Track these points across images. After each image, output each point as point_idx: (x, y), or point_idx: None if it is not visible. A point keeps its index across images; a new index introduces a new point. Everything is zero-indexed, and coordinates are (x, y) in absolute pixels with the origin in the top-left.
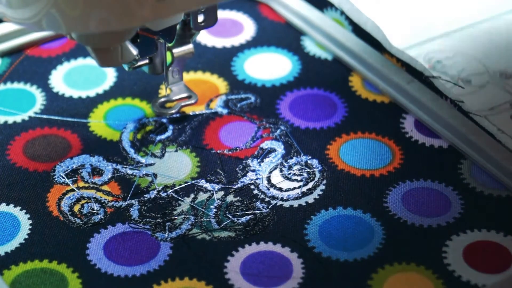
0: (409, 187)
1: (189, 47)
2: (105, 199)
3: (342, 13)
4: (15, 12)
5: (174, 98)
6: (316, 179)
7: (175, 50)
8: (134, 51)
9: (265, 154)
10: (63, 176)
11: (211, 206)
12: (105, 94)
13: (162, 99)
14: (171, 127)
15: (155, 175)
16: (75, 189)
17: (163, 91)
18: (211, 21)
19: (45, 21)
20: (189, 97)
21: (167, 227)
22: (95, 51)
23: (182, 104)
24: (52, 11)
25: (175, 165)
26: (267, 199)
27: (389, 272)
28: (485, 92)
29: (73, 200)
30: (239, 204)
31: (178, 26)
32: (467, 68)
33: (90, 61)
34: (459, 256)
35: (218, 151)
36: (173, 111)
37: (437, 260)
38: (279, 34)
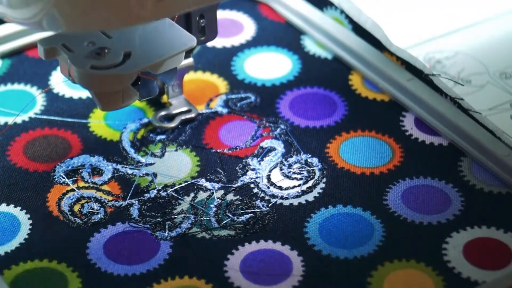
0: (409, 184)
1: (189, 61)
2: (105, 198)
3: (342, 12)
4: (15, 12)
5: (174, 112)
6: (316, 177)
7: None
8: (135, 94)
9: (265, 153)
10: (63, 176)
11: (211, 205)
12: None
13: (162, 113)
14: None
15: (155, 175)
16: (75, 189)
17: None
18: (211, 36)
19: (46, 21)
20: (189, 111)
21: (167, 226)
22: (97, 95)
23: (182, 118)
24: (53, 11)
25: (175, 165)
26: (267, 197)
27: (389, 269)
28: (485, 92)
29: (73, 200)
30: (239, 202)
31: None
32: (467, 68)
33: None
34: (459, 253)
35: (218, 150)
36: (173, 125)
37: (437, 257)
38: (279, 33)
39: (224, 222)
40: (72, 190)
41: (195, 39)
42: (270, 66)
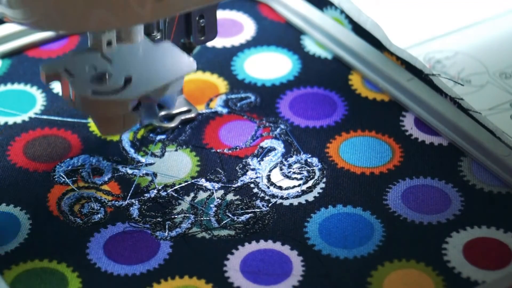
0: (409, 184)
1: None
2: (105, 198)
3: (342, 12)
4: (15, 12)
5: (174, 112)
6: (316, 177)
7: None
8: (136, 119)
9: (265, 153)
10: (63, 176)
11: (211, 205)
12: None
13: (162, 113)
14: None
15: (155, 175)
16: (75, 189)
17: None
18: (211, 35)
19: (45, 20)
20: (189, 111)
21: (167, 226)
22: (98, 120)
23: (182, 118)
24: (52, 11)
25: (175, 165)
26: (267, 197)
27: (389, 269)
28: (485, 92)
29: (73, 200)
30: (239, 202)
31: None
32: (467, 68)
33: None
34: (459, 253)
35: (218, 150)
36: (173, 125)
37: (437, 257)
38: (279, 33)
39: (224, 222)
40: (72, 190)
41: (195, 64)
42: (270, 66)
